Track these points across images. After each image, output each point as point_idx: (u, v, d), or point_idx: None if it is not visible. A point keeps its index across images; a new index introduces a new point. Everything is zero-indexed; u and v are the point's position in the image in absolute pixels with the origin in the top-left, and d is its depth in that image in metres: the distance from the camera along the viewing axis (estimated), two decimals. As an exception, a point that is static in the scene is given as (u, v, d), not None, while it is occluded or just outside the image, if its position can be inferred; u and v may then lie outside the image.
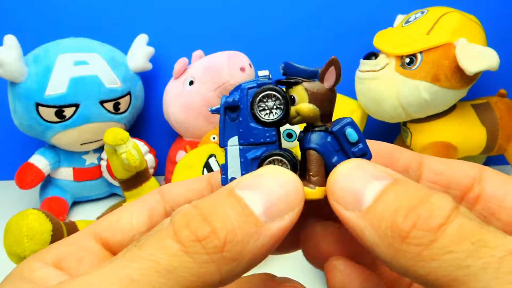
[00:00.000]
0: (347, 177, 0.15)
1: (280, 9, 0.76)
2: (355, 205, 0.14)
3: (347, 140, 0.17)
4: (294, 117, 0.17)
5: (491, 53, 0.54)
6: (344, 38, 0.76)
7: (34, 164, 0.66)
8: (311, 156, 0.17)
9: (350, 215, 0.15)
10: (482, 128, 0.64)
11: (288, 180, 0.15)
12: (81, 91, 0.61)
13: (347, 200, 0.15)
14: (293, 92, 0.17)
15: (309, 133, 0.17)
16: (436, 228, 0.12)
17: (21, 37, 0.60)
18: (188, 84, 0.67)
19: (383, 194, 0.14)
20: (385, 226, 0.13)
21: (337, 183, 0.15)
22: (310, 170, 0.17)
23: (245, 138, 0.17)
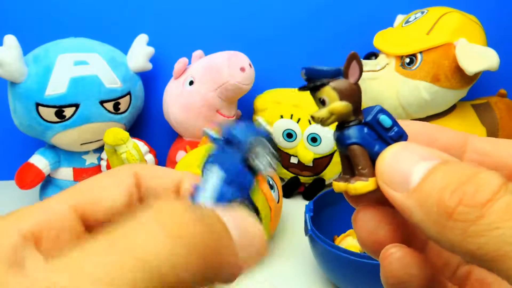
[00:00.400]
0: (395, 159, 0.16)
1: (280, 9, 0.76)
2: (403, 185, 0.15)
3: (382, 127, 0.17)
4: (328, 118, 0.17)
5: (491, 53, 0.54)
6: (344, 38, 0.76)
7: (34, 164, 0.66)
8: (356, 151, 0.17)
9: (398, 195, 0.15)
10: (482, 128, 0.64)
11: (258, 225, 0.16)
12: (81, 91, 0.61)
13: (396, 181, 0.15)
14: (321, 94, 0.17)
15: (345, 130, 0.18)
16: (482, 204, 0.12)
17: (21, 37, 0.60)
18: (188, 84, 0.67)
19: (430, 174, 0.14)
20: (431, 203, 0.13)
21: (386, 165, 0.16)
22: (358, 164, 0.17)
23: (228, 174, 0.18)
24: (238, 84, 0.64)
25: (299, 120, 0.68)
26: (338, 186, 0.18)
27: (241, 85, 0.65)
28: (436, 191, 0.13)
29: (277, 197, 0.55)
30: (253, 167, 0.17)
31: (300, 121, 0.68)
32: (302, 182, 0.74)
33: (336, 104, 0.17)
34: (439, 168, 0.14)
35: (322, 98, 0.17)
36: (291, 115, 0.69)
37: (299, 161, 0.71)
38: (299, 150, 0.70)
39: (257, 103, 0.73)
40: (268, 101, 0.72)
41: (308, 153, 0.69)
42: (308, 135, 0.68)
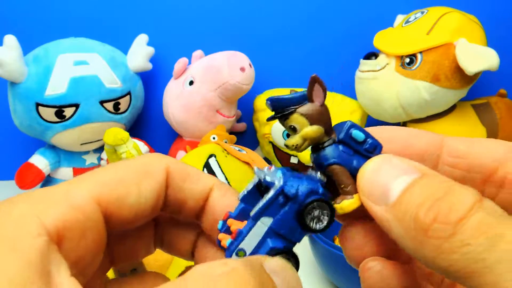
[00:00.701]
0: (374, 173, 0.16)
1: (280, 9, 0.76)
2: (383, 199, 0.15)
3: (356, 142, 0.17)
4: (302, 144, 0.17)
5: (491, 53, 0.54)
6: (344, 38, 0.76)
7: (34, 164, 0.66)
8: (336, 170, 0.17)
9: (378, 209, 0.15)
10: (482, 128, 0.64)
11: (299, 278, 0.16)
12: (81, 91, 0.61)
13: (376, 194, 0.15)
14: (291, 122, 0.18)
15: (321, 151, 0.18)
16: (455, 222, 0.13)
17: (21, 37, 0.60)
18: (188, 84, 0.67)
19: (409, 188, 0.14)
20: (409, 219, 0.14)
21: (366, 180, 0.16)
22: (341, 183, 0.17)
23: (278, 226, 0.17)
24: (238, 84, 0.64)
25: (299, 120, 0.68)
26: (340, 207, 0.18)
27: (241, 85, 0.65)
28: (414, 207, 0.14)
29: None
30: (307, 226, 0.17)
31: (300, 121, 0.68)
32: (302, 182, 0.74)
33: (308, 129, 0.17)
34: (417, 183, 0.14)
35: (292, 126, 0.17)
36: (291, 115, 0.69)
37: (299, 161, 0.71)
38: (299, 150, 0.70)
39: (257, 103, 0.73)
40: (268, 101, 0.71)
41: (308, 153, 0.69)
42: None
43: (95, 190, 0.16)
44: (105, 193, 0.16)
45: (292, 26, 0.77)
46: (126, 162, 0.17)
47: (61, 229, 0.14)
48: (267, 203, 0.17)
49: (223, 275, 0.13)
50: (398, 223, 0.14)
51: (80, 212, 0.15)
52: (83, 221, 0.15)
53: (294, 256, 0.18)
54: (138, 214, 0.17)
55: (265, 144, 0.74)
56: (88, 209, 0.15)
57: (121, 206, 0.16)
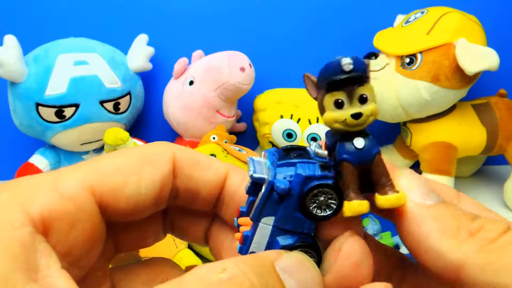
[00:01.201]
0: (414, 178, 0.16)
1: (280, 9, 0.76)
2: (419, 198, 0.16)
3: None
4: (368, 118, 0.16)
5: (491, 53, 0.54)
6: (344, 38, 0.76)
7: (34, 164, 0.66)
8: (381, 161, 0.16)
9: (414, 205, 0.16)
10: (482, 128, 0.64)
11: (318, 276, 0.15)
12: (81, 91, 0.61)
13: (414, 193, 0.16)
14: (365, 90, 0.16)
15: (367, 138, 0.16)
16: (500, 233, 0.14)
17: (21, 37, 0.60)
18: (188, 84, 0.67)
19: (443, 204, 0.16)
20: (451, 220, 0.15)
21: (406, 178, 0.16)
22: (387, 174, 0.16)
23: (282, 222, 0.16)
24: (238, 84, 0.64)
25: (299, 120, 0.68)
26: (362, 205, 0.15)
27: (241, 85, 0.64)
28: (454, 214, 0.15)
29: None
30: (313, 215, 0.16)
31: (300, 121, 0.68)
32: (302, 182, 0.74)
33: (375, 106, 0.16)
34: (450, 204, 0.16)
35: (365, 95, 0.16)
36: (291, 115, 0.69)
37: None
38: (299, 150, 0.70)
39: (257, 103, 0.73)
40: (268, 101, 0.72)
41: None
42: (308, 135, 0.68)
43: (88, 178, 0.15)
44: (100, 182, 0.15)
45: (292, 26, 0.77)
46: (128, 150, 0.16)
47: (47, 219, 0.13)
48: (261, 203, 0.16)
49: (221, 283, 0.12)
50: (434, 220, 0.15)
51: (70, 201, 0.14)
52: (74, 211, 0.14)
53: (314, 247, 0.16)
54: (138, 206, 0.16)
55: (265, 144, 0.74)
56: (79, 198, 0.14)
57: (117, 197, 0.15)
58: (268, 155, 0.17)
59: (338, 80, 0.16)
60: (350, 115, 0.15)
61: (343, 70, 0.16)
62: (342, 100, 0.16)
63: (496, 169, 0.79)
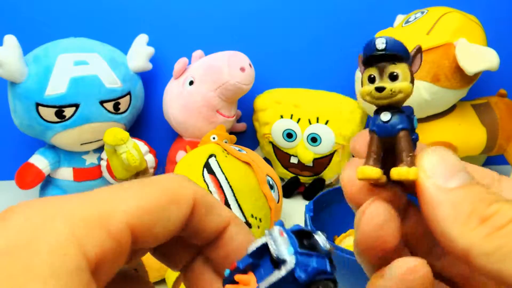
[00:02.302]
0: (444, 155, 0.16)
1: (280, 9, 0.76)
2: (441, 181, 0.16)
3: (412, 126, 0.17)
4: (396, 94, 0.17)
5: (491, 53, 0.54)
6: (344, 38, 0.76)
7: (34, 164, 0.66)
8: (407, 137, 0.17)
9: (433, 187, 0.16)
10: (482, 128, 0.64)
11: None
12: (81, 91, 0.61)
13: (438, 173, 0.16)
14: (397, 68, 0.17)
15: (398, 114, 0.17)
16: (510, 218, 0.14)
17: (21, 37, 0.60)
18: (188, 84, 0.67)
19: (471, 184, 0.16)
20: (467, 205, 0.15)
21: (431, 159, 0.16)
22: (409, 150, 0.17)
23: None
24: (238, 84, 0.64)
25: (299, 120, 0.68)
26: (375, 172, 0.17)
27: (241, 85, 0.65)
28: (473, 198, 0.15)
29: (277, 197, 0.55)
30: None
31: (300, 121, 0.68)
32: (302, 182, 0.74)
33: (409, 84, 0.17)
34: (477, 185, 0.16)
35: (396, 73, 0.17)
36: (291, 115, 0.69)
37: (299, 161, 0.71)
38: (299, 150, 0.70)
39: (257, 103, 0.73)
40: (268, 101, 0.72)
41: (308, 153, 0.69)
42: (308, 135, 0.68)
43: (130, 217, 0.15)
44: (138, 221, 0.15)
45: (292, 26, 0.77)
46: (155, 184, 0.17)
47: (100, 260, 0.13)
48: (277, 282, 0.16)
49: None
50: (451, 205, 0.15)
51: (116, 241, 0.14)
52: (119, 251, 0.14)
53: None
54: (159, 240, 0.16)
55: (265, 144, 0.74)
56: (124, 238, 0.14)
57: (147, 235, 0.16)
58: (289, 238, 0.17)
59: (370, 56, 0.17)
60: (375, 88, 0.17)
61: (376, 48, 0.17)
62: (374, 75, 0.17)
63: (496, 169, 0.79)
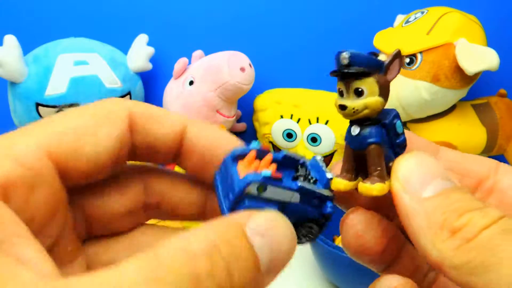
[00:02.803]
0: (418, 163, 0.16)
1: (280, 9, 0.76)
2: (417, 190, 0.15)
3: (395, 132, 0.17)
4: (361, 110, 0.16)
5: (491, 53, 0.54)
6: (344, 38, 0.76)
7: (34, 164, 0.66)
8: (376, 151, 0.17)
9: (407, 197, 0.15)
10: (482, 128, 0.64)
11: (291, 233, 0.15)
12: (81, 91, 0.61)
13: (412, 183, 0.16)
14: (362, 84, 0.16)
15: (368, 128, 0.17)
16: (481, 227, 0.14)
17: (21, 37, 0.60)
18: (188, 84, 0.67)
19: (446, 192, 0.15)
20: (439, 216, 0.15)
21: (407, 166, 0.16)
22: (377, 165, 0.17)
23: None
24: (238, 84, 0.64)
25: (299, 120, 0.68)
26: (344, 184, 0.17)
27: (241, 85, 0.65)
28: (449, 208, 0.15)
29: None
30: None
31: (300, 121, 0.68)
32: (302, 182, 0.74)
33: (376, 99, 0.16)
34: (455, 191, 0.15)
35: (360, 89, 0.16)
36: (291, 115, 0.69)
37: (299, 161, 0.71)
38: (299, 150, 0.70)
39: (257, 103, 0.73)
40: (268, 101, 0.72)
41: (308, 153, 0.69)
42: (308, 135, 0.68)
43: (44, 141, 0.14)
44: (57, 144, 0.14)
45: (292, 26, 0.77)
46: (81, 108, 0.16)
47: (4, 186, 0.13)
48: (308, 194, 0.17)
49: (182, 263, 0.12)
50: (425, 216, 0.15)
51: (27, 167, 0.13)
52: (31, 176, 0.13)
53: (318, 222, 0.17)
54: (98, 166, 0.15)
55: (265, 144, 0.74)
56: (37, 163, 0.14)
57: (77, 158, 0.15)
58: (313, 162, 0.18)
59: (335, 71, 0.17)
60: (338, 105, 0.17)
61: (340, 64, 0.16)
62: (342, 90, 0.17)
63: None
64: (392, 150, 0.17)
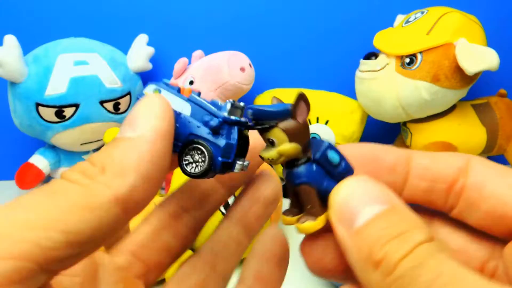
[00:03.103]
0: (348, 194, 0.16)
1: (280, 9, 0.76)
2: (349, 223, 0.15)
3: (330, 164, 0.17)
4: (278, 158, 0.17)
5: (491, 53, 0.54)
6: (344, 38, 0.76)
7: (34, 164, 0.66)
8: (304, 190, 0.17)
9: (343, 231, 0.15)
10: (482, 128, 0.64)
11: None
12: (81, 91, 0.61)
13: (344, 216, 0.16)
14: (270, 135, 0.17)
15: (295, 169, 0.18)
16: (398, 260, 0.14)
17: (21, 37, 0.60)
18: (188, 84, 0.67)
19: (374, 220, 0.15)
20: (366, 250, 0.14)
21: (338, 199, 0.16)
22: (307, 203, 0.17)
23: None
24: (238, 84, 0.64)
25: (299, 120, 0.68)
26: (287, 220, 0.18)
27: (241, 85, 0.65)
28: (373, 239, 0.14)
29: None
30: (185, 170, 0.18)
31: (300, 121, 0.68)
32: (302, 182, 0.74)
33: (286, 146, 0.17)
34: (382, 217, 0.15)
35: (271, 139, 0.17)
36: (291, 115, 0.69)
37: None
38: (299, 150, 0.70)
39: (257, 103, 0.73)
40: (268, 101, 0.71)
41: (308, 153, 0.69)
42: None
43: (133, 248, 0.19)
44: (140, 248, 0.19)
45: (292, 26, 0.77)
46: None
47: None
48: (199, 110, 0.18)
49: None
50: (356, 249, 0.15)
51: None
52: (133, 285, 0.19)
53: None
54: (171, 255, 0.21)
55: (265, 144, 0.74)
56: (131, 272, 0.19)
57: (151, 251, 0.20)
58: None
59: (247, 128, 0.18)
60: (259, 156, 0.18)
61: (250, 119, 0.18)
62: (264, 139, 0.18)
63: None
64: (335, 180, 0.17)
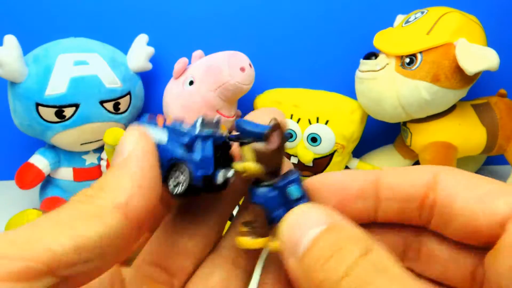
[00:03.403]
0: (292, 224, 0.16)
1: (280, 9, 0.76)
2: (295, 251, 0.15)
3: (286, 196, 0.18)
4: (242, 172, 0.18)
5: (491, 53, 0.54)
6: (344, 38, 0.76)
7: (34, 164, 0.66)
8: (255, 210, 0.18)
9: (291, 261, 0.15)
10: (482, 128, 0.64)
11: None
12: (81, 91, 0.61)
13: (290, 246, 0.16)
14: (242, 151, 0.18)
15: (255, 188, 0.18)
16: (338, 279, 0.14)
17: (21, 37, 0.60)
18: (188, 84, 0.67)
19: (314, 242, 0.15)
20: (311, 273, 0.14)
21: (284, 230, 0.16)
22: (252, 222, 0.18)
23: None
24: (238, 84, 0.64)
25: (299, 120, 0.68)
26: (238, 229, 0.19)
27: (241, 85, 0.65)
28: (314, 262, 0.14)
29: None
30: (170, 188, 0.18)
31: (300, 121, 0.68)
32: (302, 182, 0.74)
33: (250, 165, 0.18)
34: (321, 238, 0.15)
35: (242, 154, 0.18)
36: (291, 115, 0.69)
37: (299, 161, 0.71)
38: (299, 150, 0.70)
39: (257, 103, 0.73)
40: (268, 101, 0.72)
41: (308, 153, 0.69)
42: (308, 135, 0.68)
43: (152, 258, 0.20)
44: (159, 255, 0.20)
45: (292, 26, 0.77)
46: None
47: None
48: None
49: None
50: (304, 275, 0.15)
51: None
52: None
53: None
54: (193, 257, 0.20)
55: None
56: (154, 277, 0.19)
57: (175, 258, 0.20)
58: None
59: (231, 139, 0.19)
60: None
61: None
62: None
63: (496, 169, 0.79)
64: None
